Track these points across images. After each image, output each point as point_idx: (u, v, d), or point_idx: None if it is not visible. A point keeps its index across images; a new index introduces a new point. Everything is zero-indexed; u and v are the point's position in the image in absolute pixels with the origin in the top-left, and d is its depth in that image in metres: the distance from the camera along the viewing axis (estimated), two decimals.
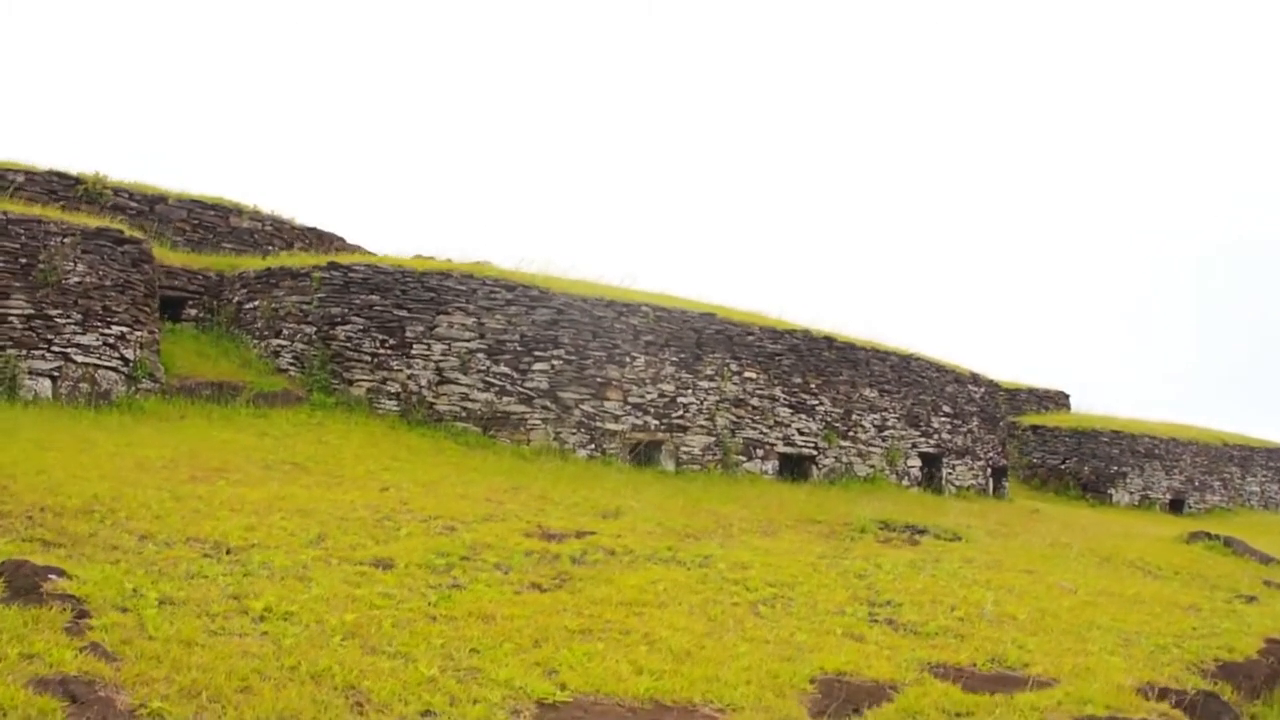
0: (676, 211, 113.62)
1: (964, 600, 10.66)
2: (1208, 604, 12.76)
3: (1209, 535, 20.31)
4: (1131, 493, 34.32)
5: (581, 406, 18.51)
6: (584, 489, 15.68)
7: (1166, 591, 13.51)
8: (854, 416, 22.32)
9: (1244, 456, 39.29)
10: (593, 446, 18.44)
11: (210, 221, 23.86)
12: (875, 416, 22.79)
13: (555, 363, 18.44)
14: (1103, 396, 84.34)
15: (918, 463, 23.71)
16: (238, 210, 24.47)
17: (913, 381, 23.93)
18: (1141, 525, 24.25)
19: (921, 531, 16.70)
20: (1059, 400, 40.69)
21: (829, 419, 21.76)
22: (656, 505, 15.21)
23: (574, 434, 18.36)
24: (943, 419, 24.61)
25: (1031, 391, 40.09)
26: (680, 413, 19.54)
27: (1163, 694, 7.90)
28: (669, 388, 19.45)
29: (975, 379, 26.50)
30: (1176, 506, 35.12)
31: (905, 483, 23.12)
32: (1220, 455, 37.92)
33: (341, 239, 27.18)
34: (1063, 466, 34.70)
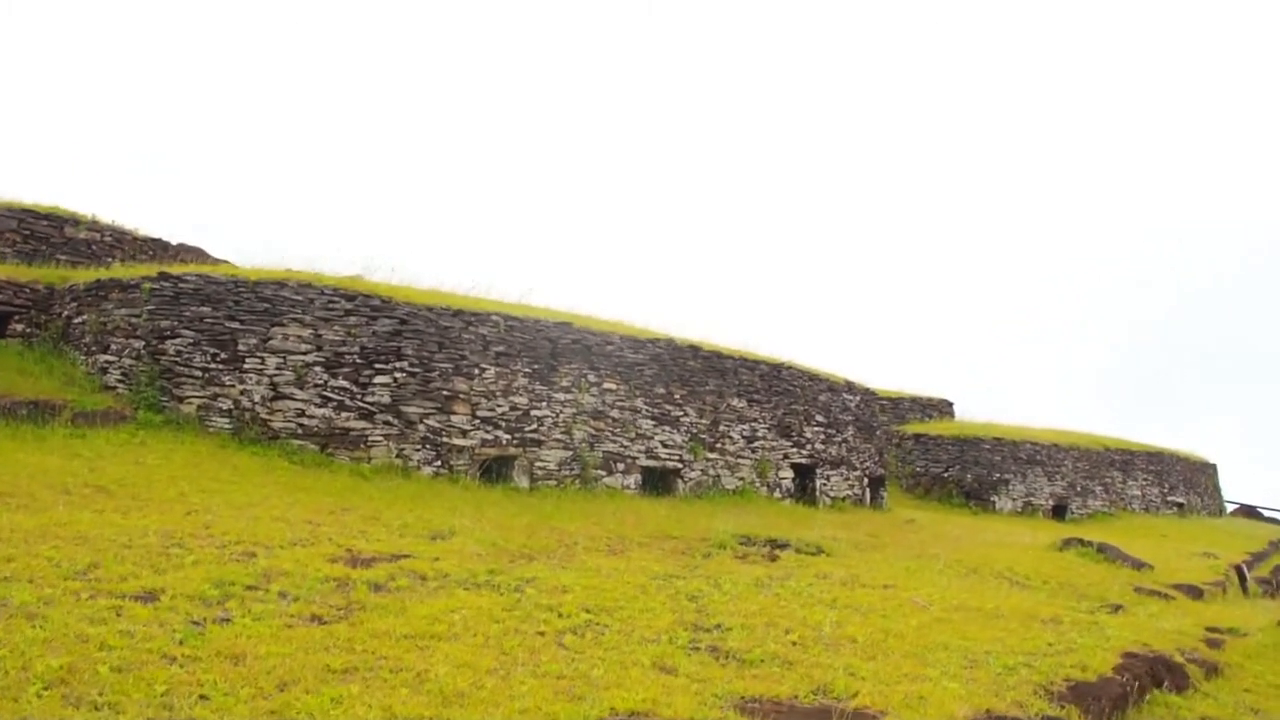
0: (601, 225, 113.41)
1: (803, 621, 9.78)
2: (1070, 616, 12.04)
3: (1082, 542, 19.80)
4: (1014, 499, 33.98)
5: (427, 421, 17.40)
6: (421, 508, 14.60)
7: (1029, 604, 12.78)
8: (721, 428, 21.47)
9: (1125, 461, 39.22)
10: (439, 464, 17.34)
11: (44, 232, 22.38)
12: (744, 427, 21.96)
13: (398, 375, 17.31)
14: (987, 404, 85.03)
15: (790, 474, 22.92)
16: (74, 220, 23.00)
17: (784, 391, 23.15)
18: (1019, 532, 23.70)
19: (783, 546, 15.87)
20: (942, 408, 40.35)
21: (695, 430, 20.87)
22: (497, 524, 14.18)
23: (418, 450, 17.25)
24: (816, 429, 23.87)
25: (915, 400, 39.70)
26: (534, 426, 18.51)
27: None
28: (522, 400, 18.42)
29: (850, 387, 25.80)
30: (1059, 512, 34.86)
31: (777, 495, 22.31)
32: (1102, 460, 37.80)
33: (202, 251, 25.83)
34: (946, 475, 34.28)
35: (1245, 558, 28.68)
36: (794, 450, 23.09)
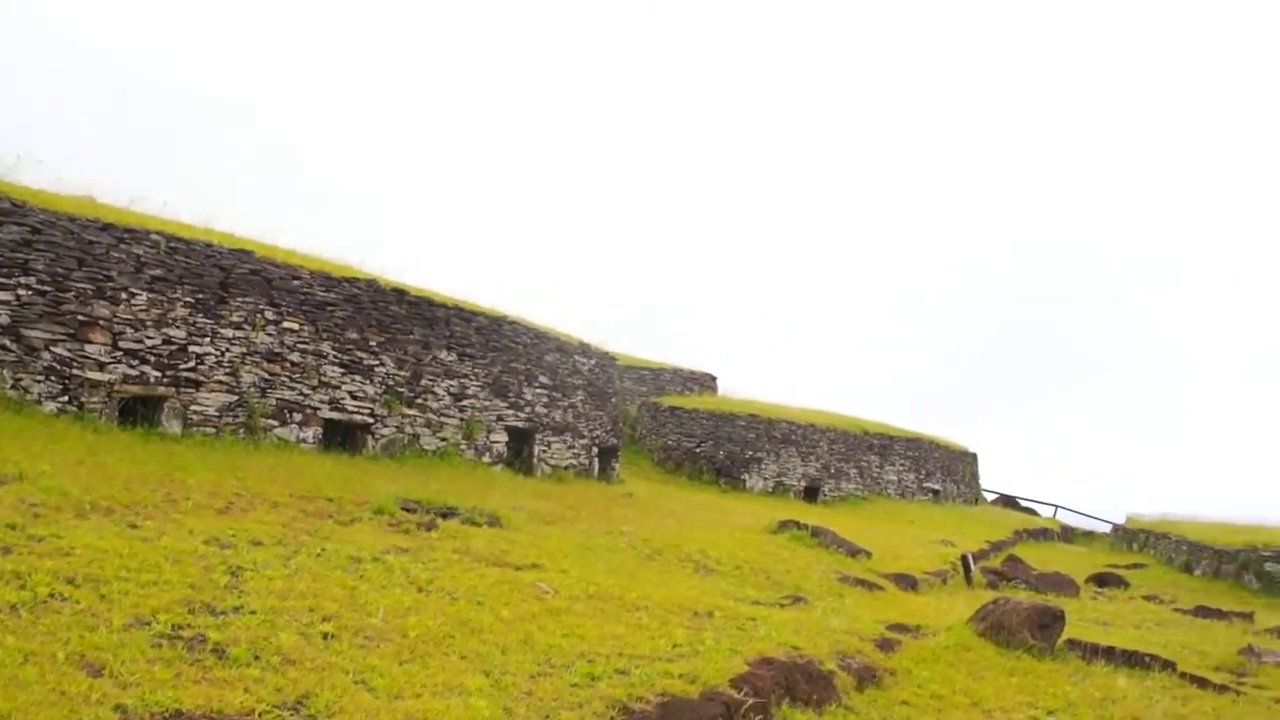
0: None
1: (362, 608, 7.82)
2: (730, 610, 10.39)
3: (798, 525, 18.40)
4: (766, 479, 32.84)
5: (54, 349, 14.87)
6: (9, 449, 12.19)
7: (693, 594, 11.12)
8: (424, 381, 19.37)
9: (883, 445, 38.53)
10: (66, 399, 14.82)
11: None
12: (452, 383, 19.92)
13: (22, 293, 14.72)
14: (759, 382, 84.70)
15: (503, 438, 20.96)
16: None
17: (503, 347, 21.17)
18: (749, 512, 22.28)
19: (451, 514, 13.92)
20: (705, 382, 38.99)
21: (392, 383, 18.70)
22: (100, 472, 11.86)
23: (40, 382, 14.71)
24: (539, 390, 21.98)
25: (677, 372, 38.26)
26: (192, 364, 16.10)
27: None
28: (179, 333, 15.99)
29: (585, 349, 23.97)
30: (811, 494, 33.86)
31: (486, 460, 20.34)
32: (859, 443, 36.98)
33: None
34: (698, 450, 32.91)
35: (983, 546, 28.04)
36: (510, 412, 21.15)
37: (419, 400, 19.21)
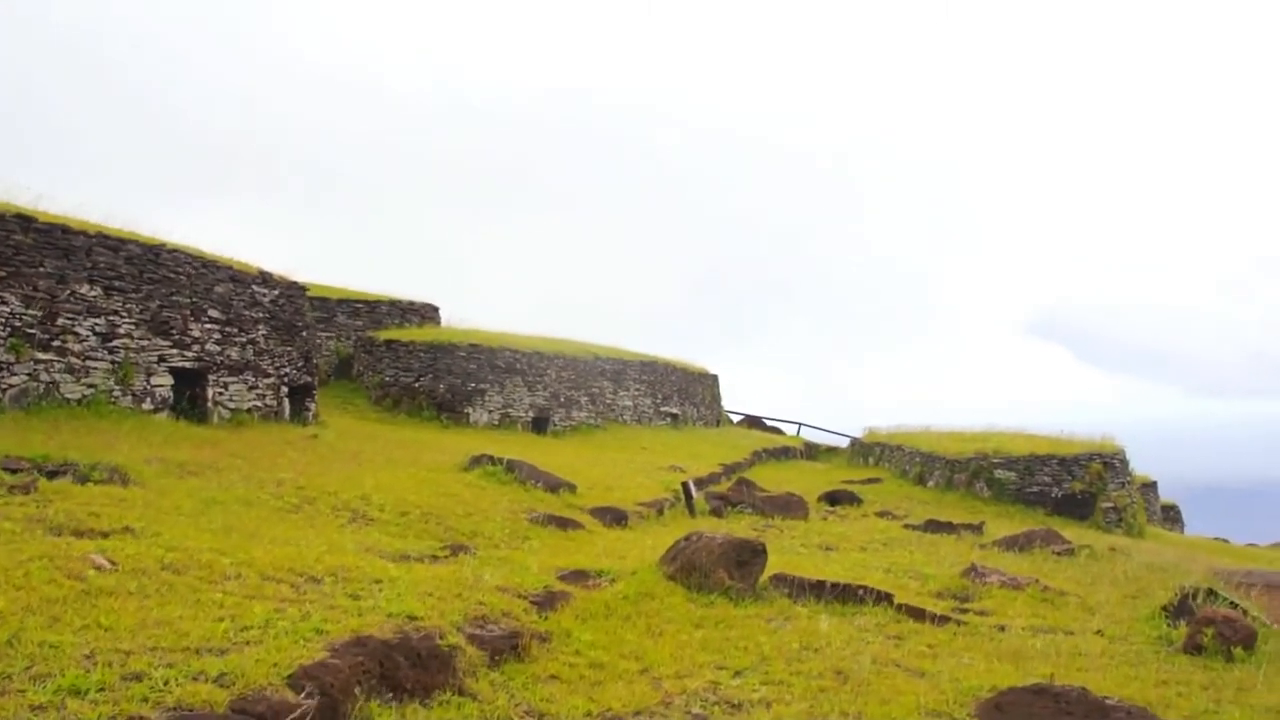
0: None
1: None
2: (357, 570, 8.41)
3: (492, 460, 16.60)
4: (491, 411, 30.92)
5: None
6: None
7: (325, 550, 9.16)
8: (62, 320, 16.60)
9: (617, 370, 37.05)
10: None
11: None
12: (98, 321, 17.20)
13: None
14: (490, 312, 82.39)
15: (168, 380, 18.34)
16: None
17: (163, 279, 18.50)
18: (456, 449, 20.26)
19: (62, 472, 11.59)
20: (426, 313, 36.56)
21: (19, 324, 15.89)
22: None
23: None
24: (210, 326, 19.39)
25: (395, 304, 35.74)
26: None
27: None
28: None
29: (266, 279, 21.37)
30: (540, 425, 32.12)
31: (148, 406, 17.74)
32: (590, 369, 35.38)
33: None
34: (417, 385, 30.68)
35: (715, 470, 26.90)
36: (174, 352, 18.53)
37: (56, 343, 16.46)
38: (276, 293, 21.72)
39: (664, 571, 9.69)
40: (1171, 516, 41.89)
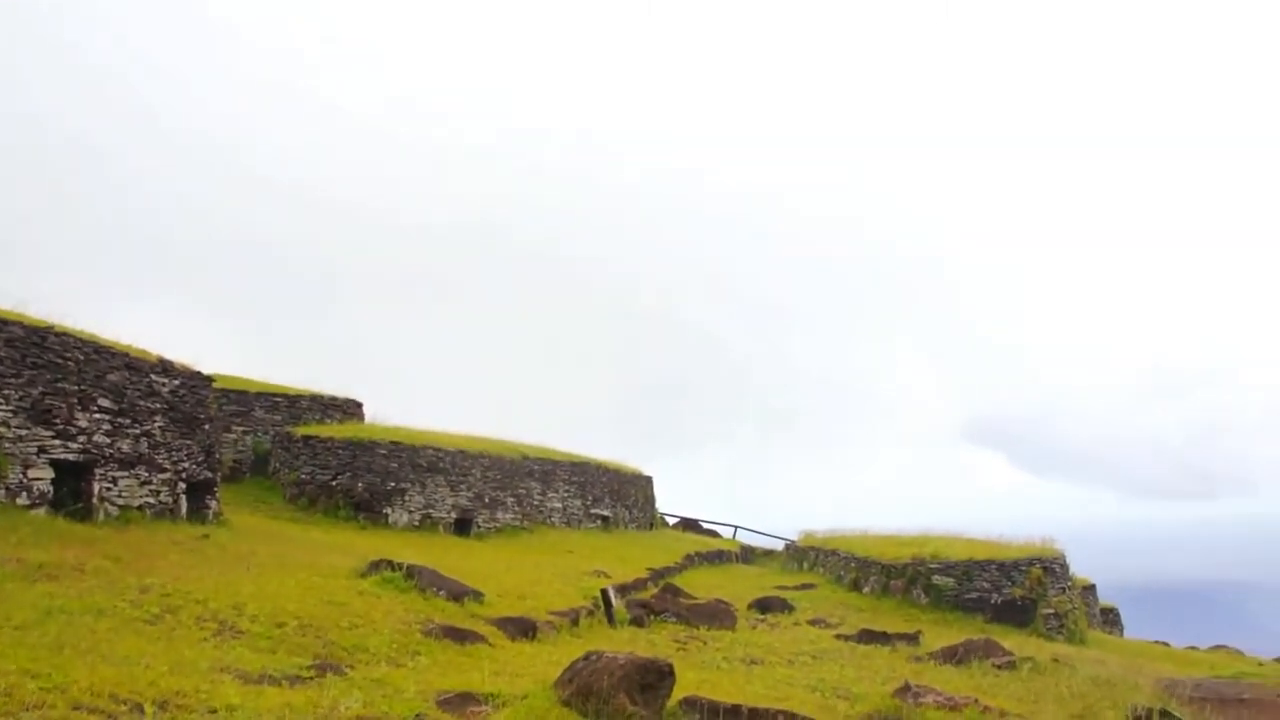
0: None
1: None
2: (192, 698, 7.25)
3: (392, 565, 15.35)
4: (411, 512, 29.60)
5: None
6: None
7: (165, 670, 7.94)
8: None
9: (545, 471, 35.84)
10: None
11: None
12: None
13: None
14: (417, 411, 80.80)
15: (48, 474, 16.98)
16: None
17: (48, 364, 17.22)
18: (365, 550, 19.08)
19: None
20: (349, 409, 35.29)
21: None
22: None
23: None
24: (99, 416, 18.08)
25: (316, 399, 34.46)
26: None
27: None
28: None
29: (167, 368, 20.08)
30: (463, 526, 30.79)
31: (24, 501, 16.34)
32: (517, 469, 34.14)
33: None
34: (334, 483, 29.34)
35: (642, 575, 25.71)
36: (57, 442, 17.17)
37: None
38: (177, 383, 20.46)
39: (558, 696, 8.55)
40: (1110, 619, 41.08)
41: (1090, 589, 37.89)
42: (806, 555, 35.62)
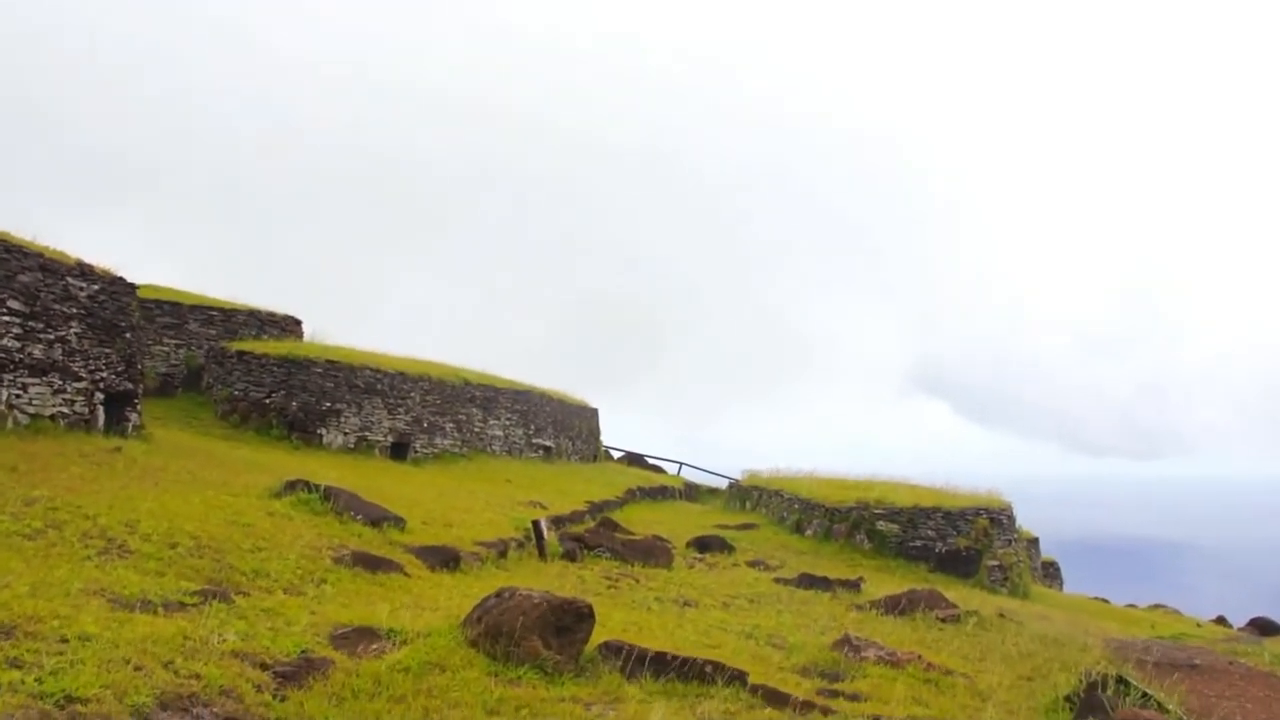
0: None
1: None
2: (48, 627, 6.44)
3: (308, 486, 14.49)
4: (347, 434, 28.70)
5: None
6: None
7: (25, 595, 7.13)
8: None
9: (487, 397, 34.96)
10: None
11: None
12: None
13: None
14: (360, 332, 79.35)
15: None
16: None
17: None
18: (291, 470, 18.18)
19: None
20: (287, 326, 34.14)
21: None
22: None
23: None
24: (7, 319, 17.04)
25: (254, 314, 33.32)
26: None
27: None
28: None
29: (85, 271, 18.96)
30: (400, 450, 29.94)
31: None
32: (458, 394, 33.26)
33: None
34: (268, 401, 28.36)
35: (580, 508, 25.02)
36: None
37: None
38: (97, 288, 19.38)
39: (465, 635, 7.77)
40: (1051, 573, 40.94)
41: (1034, 542, 37.60)
42: (750, 495, 34.99)
